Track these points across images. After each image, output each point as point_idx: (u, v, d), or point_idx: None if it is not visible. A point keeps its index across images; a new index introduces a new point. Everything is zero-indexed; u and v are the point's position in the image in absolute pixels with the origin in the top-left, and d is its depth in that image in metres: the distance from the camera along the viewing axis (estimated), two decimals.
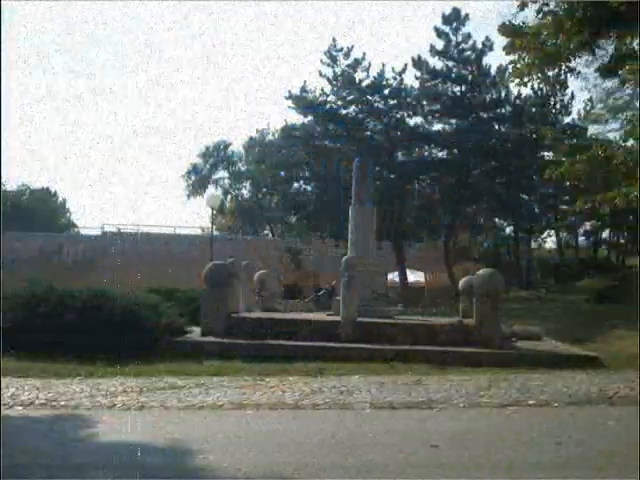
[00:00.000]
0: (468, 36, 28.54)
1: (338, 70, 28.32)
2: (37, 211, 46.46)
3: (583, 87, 41.29)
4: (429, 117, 29.73)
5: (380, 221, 19.89)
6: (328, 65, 28.42)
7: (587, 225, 38.56)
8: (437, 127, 30.25)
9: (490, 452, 4.77)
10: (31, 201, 48.72)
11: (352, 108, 28.96)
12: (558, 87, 23.00)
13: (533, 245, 39.77)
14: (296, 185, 31.48)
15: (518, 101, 30.04)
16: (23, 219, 40.56)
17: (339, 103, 28.87)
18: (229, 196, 53.83)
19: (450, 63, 28.83)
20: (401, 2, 73.72)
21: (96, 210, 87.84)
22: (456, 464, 4.46)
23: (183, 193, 56.50)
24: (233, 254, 16.86)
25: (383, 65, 28.44)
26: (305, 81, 28.75)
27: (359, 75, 28.23)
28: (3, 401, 6.24)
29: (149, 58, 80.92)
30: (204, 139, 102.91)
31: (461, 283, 12.35)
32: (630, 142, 16.65)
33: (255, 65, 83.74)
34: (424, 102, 29.06)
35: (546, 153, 29.05)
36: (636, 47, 12.40)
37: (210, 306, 10.56)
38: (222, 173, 54.40)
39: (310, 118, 29.37)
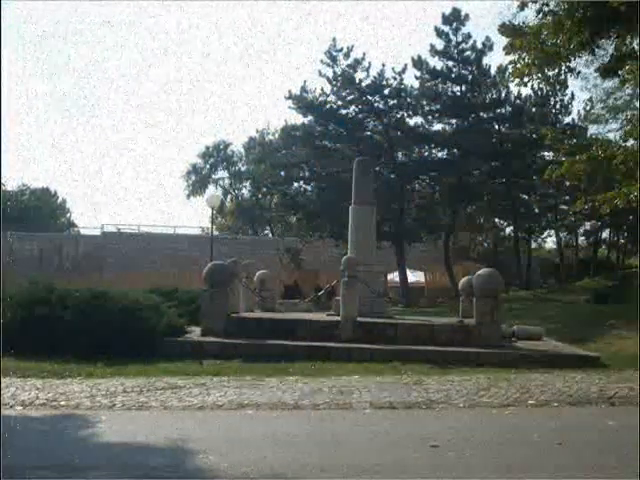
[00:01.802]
0: (468, 36, 28.52)
1: (338, 70, 28.25)
2: (37, 211, 46.48)
3: (583, 87, 41.31)
4: (429, 117, 29.72)
5: (380, 221, 19.92)
6: (328, 65, 28.38)
7: (587, 225, 38.60)
8: (437, 127, 30.33)
9: (490, 452, 4.77)
10: (31, 201, 48.72)
11: (352, 108, 28.91)
12: (558, 87, 23.05)
13: (533, 245, 39.74)
14: (296, 185, 31.49)
15: (518, 101, 30.06)
16: (23, 219, 40.58)
17: (339, 103, 28.82)
18: (229, 196, 53.94)
19: (450, 63, 28.80)
20: (401, 2, 73.74)
21: (96, 210, 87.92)
22: (456, 464, 4.46)
23: (183, 193, 56.68)
24: (233, 254, 16.91)
25: (383, 65, 28.44)
26: (305, 81, 28.76)
27: (359, 75, 28.18)
28: (3, 401, 6.23)
29: (149, 58, 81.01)
30: (204, 139, 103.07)
31: (461, 283, 12.34)
32: (630, 142, 16.67)
33: (255, 65, 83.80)
34: (424, 102, 29.04)
35: (546, 153, 29.09)
36: (636, 47, 12.42)
37: (210, 306, 10.55)
38: (222, 173, 54.59)
39: (310, 118, 29.34)
